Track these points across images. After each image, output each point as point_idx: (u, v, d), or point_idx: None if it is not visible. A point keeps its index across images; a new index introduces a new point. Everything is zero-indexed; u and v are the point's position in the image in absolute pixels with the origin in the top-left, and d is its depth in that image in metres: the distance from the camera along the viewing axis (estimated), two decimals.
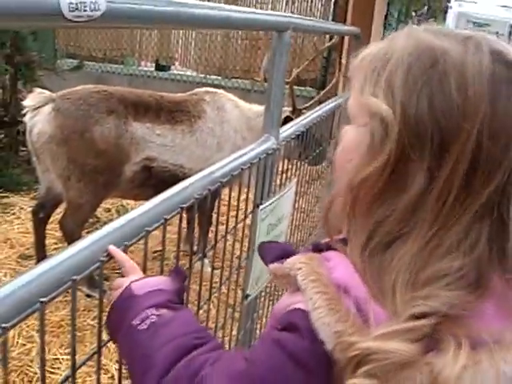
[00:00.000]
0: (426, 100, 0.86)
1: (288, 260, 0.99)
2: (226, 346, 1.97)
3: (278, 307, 1.00)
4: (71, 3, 0.80)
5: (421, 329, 0.82)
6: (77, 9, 0.81)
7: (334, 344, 0.84)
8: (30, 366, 3.37)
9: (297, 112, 4.43)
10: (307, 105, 4.58)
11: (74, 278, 0.92)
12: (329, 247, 1.05)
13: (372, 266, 0.90)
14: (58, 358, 3.48)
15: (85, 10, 0.82)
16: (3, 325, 0.78)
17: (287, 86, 4.38)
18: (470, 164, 0.85)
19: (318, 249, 1.06)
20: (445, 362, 0.79)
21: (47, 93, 4.05)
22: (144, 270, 1.29)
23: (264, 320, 2.48)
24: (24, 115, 4.03)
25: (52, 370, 3.36)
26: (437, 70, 0.87)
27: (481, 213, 0.87)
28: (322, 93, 4.86)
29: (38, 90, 4.13)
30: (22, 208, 5.57)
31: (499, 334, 0.82)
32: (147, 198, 1.33)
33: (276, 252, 1.07)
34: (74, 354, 0.97)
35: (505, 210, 0.87)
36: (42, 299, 0.85)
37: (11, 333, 3.64)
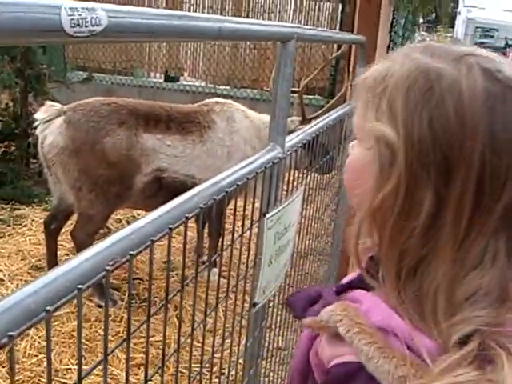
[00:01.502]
0: (426, 122, 0.88)
1: (322, 313, 1.00)
2: (235, 355, 1.98)
3: (322, 356, 1.01)
4: (72, 19, 0.82)
5: (471, 351, 0.83)
6: (78, 24, 0.82)
7: None
8: (41, 377, 3.41)
9: (306, 121, 4.45)
10: (316, 114, 4.59)
11: (80, 286, 0.93)
12: (351, 286, 1.08)
13: (410, 295, 0.92)
14: (69, 368, 3.51)
15: (86, 26, 0.84)
16: (10, 333, 0.79)
17: (296, 95, 4.40)
18: (478, 181, 0.87)
19: (341, 290, 1.09)
20: (504, 373, 0.81)
21: (58, 105, 4.10)
22: (150, 279, 1.31)
23: (273, 327, 2.49)
24: (35, 128, 4.08)
25: (64, 381, 3.39)
26: (433, 93, 0.89)
27: (496, 227, 0.88)
28: (331, 102, 4.87)
29: (49, 102, 4.19)
30: (33, 220, 5.62)
31: None
32: None
33: (302, 303, 1.09)
34: (80, 362, 0.98)
35: None
36: (47, 308, 0.86)
37: (23, 344, 3.67)
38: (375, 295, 0.99)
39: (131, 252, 1.10)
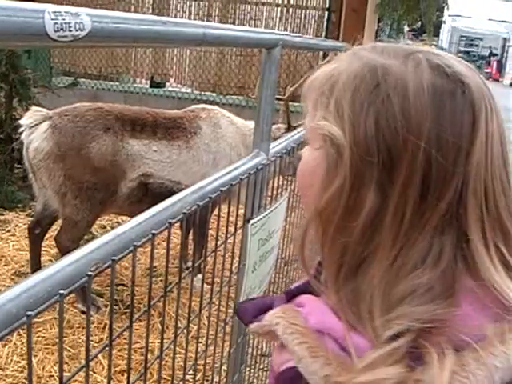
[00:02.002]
0: (372, 120, 0.88)
1: (266, 317, 0.99)
2: (218, 362, 1.98)
3: (274, 363, 1.00)
4: (56, 23, 0.82)
5: (399, 348, 0.82)
6: (62, 29, 0.83)
7: None
8: None
9: (292, 128, 4.45)
10: (302, 121, 4.59)
11: (61, 292, 0.93)
12: (301, 291, 1.06)
13: (347, 294, 0.91)
14: (52, 375, 3.48)
15: (70, 30, 0.84)
16: None
17: (281, 103, 4.41)
18: (422, 178, 0.85)
19: (291, 294, 1.07)
20: (432, 373, 0.79)
21: (44, 111, 4.08)
22: (133, 285, 1.30)
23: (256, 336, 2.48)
24: (19, 133, 4.06)
25: None
26: (379, 91, 0.88)
27: (441, 225, 0.87)
28: None
29: (35, 108, 4.17)
30: (17, 225, 5.58)
31: (479, 331, 0.83)
32: None
33: (252, 310, 1.07)
34: (61, 368, 0.98)
35: (464, 220, 0.88)
36: (28, 313, 0.86)
37: (5, 350, 3.64)
38: (319, 299, 0.98)
39: (113, 257, 1.10)
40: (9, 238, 5.33)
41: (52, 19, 0.81)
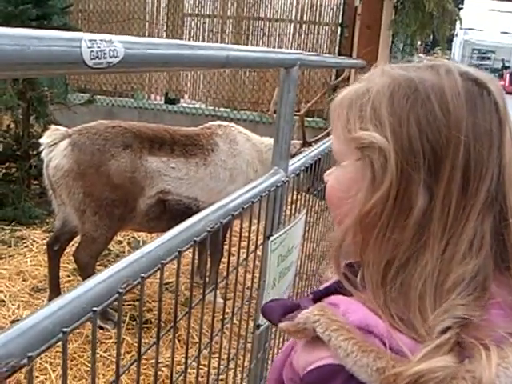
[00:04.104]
0: (414, 122, 0.95)
1: (299, 316, 1.01)
2: (238, 377, 2.00)
3: (298, 362, 1.02)
4: (92, 51, 0.85)
5: (449, 340, 0.87)
6: (97, 56, 0.86)
7: (379, 382, 0.88)
8: None
9: (307, 145, 4.49)
10: (317, 137, 4.62)
11: (95, 309, 0.96)
12: (328, 292, 1.10)
13: (396, 288, 0.94)
14: None
15: (105, 58, 0.88)
16: (29, 354, 0.82)
17: (296, 118, 4.44)
18: (464, 170, 0.93)
19: (319, 296, 1.11)
20: (482, 365, 0.84)
21: (63, 129, 4.13)
22: (160, 302, 1.33)
23: (276, 350, 2.50)
24: (37, 149, 4.11)
25: None
26: (419, 94, 0.96)
27: (482, 214, 0.94)
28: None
29: (54, 126, 4.21)
30: (34, 241, 5.63)
31: (509, 328, 0.90)
32: (162, 231, 1.37)
33: (280, 309, 1.10)
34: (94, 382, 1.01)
35: (503, 206, 0.96)
36: (64, 329, 0.89)
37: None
38: (353, 299, 1.01)
39: (142, 275, 1.13)
40: (26, 253, 5.37)
41: (88, 47, 0.85)
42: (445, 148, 0.93)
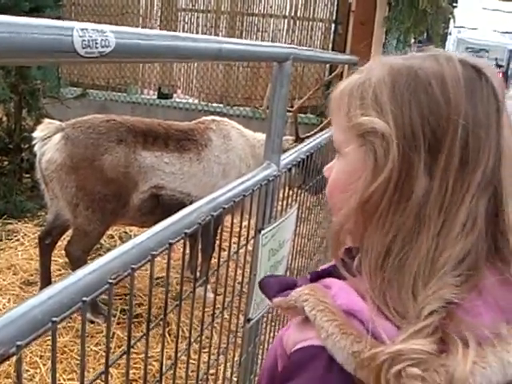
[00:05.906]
0: (415, 108, 0.97)
1: (292, 293, 1.05)
2: (229, 371, 2.00)
3: (288, 339, 1.04)
4: (84, 40, 0.85)
5: (430, 324, 0.88)
6: (89, 46, 0.86)
7: (354, 364, 0.90)
8: None
9: (300, 140, 4.49)
10: (310, 133, 4.62)
11: (84, 299, 0.96)
12: (326, 274, 1.12)
13: (391, 273, 0.96)
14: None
15: (96, 47, 0.88)
16: (18, 342, 0.82)
17: (290, 114, 4.45)
18: (462, 151, 0.95)
19: (316, 277, 1.14)
20: (457, 361, 0.85)
21: (56, 123, 4.11)
22: (150, 294, 1.33)
23: (266, 345, 2.50)
24: (28, 143, 4.10)
25: None
26: (420, 80, 0.98)
27: (477, 195, 0.95)
28: (325, 121, 4.91)
29: (47, 120, 4.20)
30: (25, 234, 5.62)
31: (495, 328, 0.90)
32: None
33: (276, 286, 1.14)
34: (82, 379, 1.01)
35: (499, 190, 0.97)
36: (53, 319, 0.89)
37: (13, 358, 3.65)
38: (346, 283, 1.03)
39: (133, 266, 1.13)
40: (17, 247, 5.37)
41: (80, 36, 0.85)
42: (445, 132, 0.95)
